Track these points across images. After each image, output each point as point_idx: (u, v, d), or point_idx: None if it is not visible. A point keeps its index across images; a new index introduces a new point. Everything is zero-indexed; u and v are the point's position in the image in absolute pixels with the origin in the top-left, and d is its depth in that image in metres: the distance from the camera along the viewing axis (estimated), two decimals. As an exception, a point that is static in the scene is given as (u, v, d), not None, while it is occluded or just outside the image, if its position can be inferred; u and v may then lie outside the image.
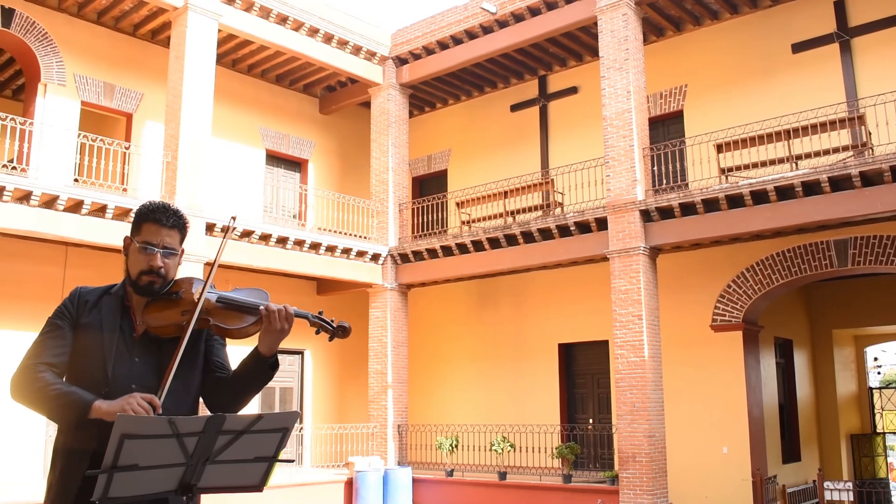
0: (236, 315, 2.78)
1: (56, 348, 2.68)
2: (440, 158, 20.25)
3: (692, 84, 15.98)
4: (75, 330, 2.72)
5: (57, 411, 2.56)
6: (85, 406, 2.51)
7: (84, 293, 2.81)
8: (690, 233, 13.57)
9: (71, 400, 2.54)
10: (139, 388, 2.66)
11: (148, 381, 2.69)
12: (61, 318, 2.75)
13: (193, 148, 14.40)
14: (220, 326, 2.77)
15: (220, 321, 2.77)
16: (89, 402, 2.52)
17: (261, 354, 2.77)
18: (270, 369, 2.79)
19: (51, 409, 2.58)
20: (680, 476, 14.36)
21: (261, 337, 2.77)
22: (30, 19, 14.67)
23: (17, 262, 14.01)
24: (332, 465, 16.96)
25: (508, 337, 18.11)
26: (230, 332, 2.78)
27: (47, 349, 2.68)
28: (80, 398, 2.54)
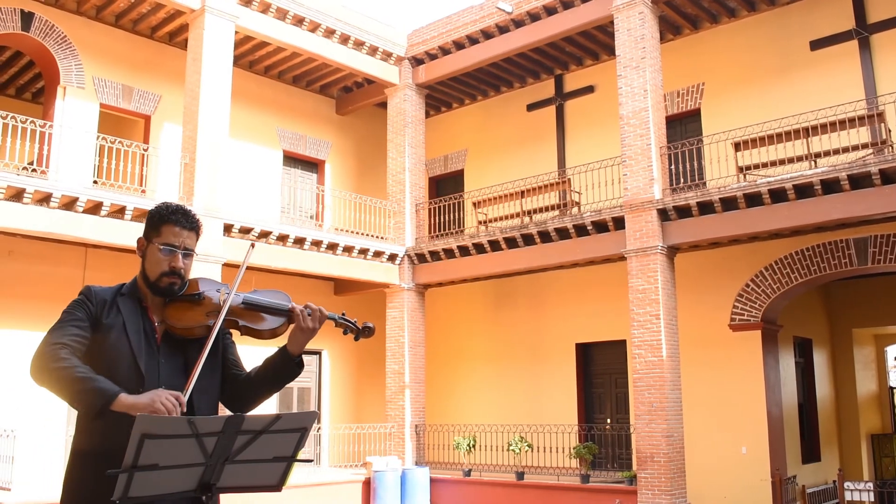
0: (262, 316, 2.85)
1: (75, 335, 2.66)
2: (457, 158, 20.26)
3: (709, 82, 15.91)
4: (96, 329, 2.71)
5: (79, 396, 2.51)
6: (110, 397, 2.49)
7: (99, 292, 2.80)
8: (708, 232, 13.51)
9: (96, 387, 2.50)
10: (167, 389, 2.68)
11: (174, 381, 2.71)
12: (78, 310, 2.73)
13: (211, 149, 14.48)
14: (249, 327, 2.83)
15: (249, 322, 2.83)
16: (115, 394, 2.49)
17: (289, 353, 2.84)
18: (297, 367, 2.86)
19: (73, 394, 2.52)
20: (698, 476, 14.29)
21: (291, 336, 2.84)
22: (49, 23, 14.79)
23: (37, 263, 14.13)
24: (350, 464, 16.99)
25: (526, 337, 18.09)
26: (259, 333, 2.85)
27: (68, 334, 2.65)
28: (106, 387, 2.51)
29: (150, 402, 2.46)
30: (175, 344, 2.79)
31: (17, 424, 12.86)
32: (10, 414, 13.29)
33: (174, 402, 2.48)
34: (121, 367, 2.65)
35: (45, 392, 2.69)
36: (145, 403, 2.46)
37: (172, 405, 2.47)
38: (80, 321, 2.71)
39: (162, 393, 2.50)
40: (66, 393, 2.54)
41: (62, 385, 2.53)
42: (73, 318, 2.72)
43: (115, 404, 2.48)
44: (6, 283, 13.82)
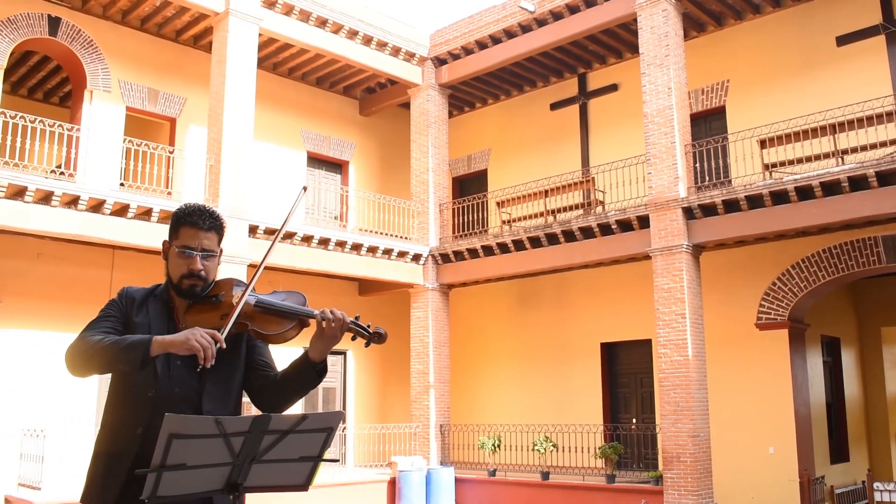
0: (275, 320, 2.78)
1: (108, 328, 2.71)
2: (480, 158, 20.25)
3: (734, 79, 15.79)
4: (126, 327, 2.76)
5: (117, 356, 2.54)
6: (146, 342, 2.53)
7: (131, 292, 2.85)
8: (734, 230, 13.41)
9: (131, 341, 2.55)
10: (180, 391, 2.70)
11: (189, 382, 2.72)
12: (112, 309, 2.80)
13: (236, 151, 14.57)
14: (258, 331, 2.77)
15: (259, 326, 2.77)
16: (148, 340, 2.54)
17: (310, 359, 2.77)
18: (318, 375, 2.79)
19: (111, 357, 2.55)
20: (725, 476, 14.20)
21: (313, 342, 2.76)
22: (76, 27, 14.95)
23: (66, 265, 14.29)
24: (375, 464, 17.04)
25: (550, 336, 18.05)
26: (269, 338, 2.78)
27: (98, 327, 2.71)
28: (139, 337, 2.56)
29: (185, 340, 2.51)
30: None
31: (46, 424, 13.02)
32: (40, 414, 13.45)
33: (209, 340, 2.52)
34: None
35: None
36: (182, 341, 2.51)
37: (207, 342, 2.51)
38: (113, 318, 2.77)
39: (198, 330, 2.54)
40: (105, 363, 2.59)
41: (99, 359, 2.58)
42: (106, 314, 2.79)
43: (152, 349, 2.52)
44: (35, 284, 13.99)
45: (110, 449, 2.68)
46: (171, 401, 2.65)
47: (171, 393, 2.68)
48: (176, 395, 2.69)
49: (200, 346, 2.50)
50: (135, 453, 2.59)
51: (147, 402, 2.63)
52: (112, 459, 2.65)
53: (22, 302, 13.80)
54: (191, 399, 2.72)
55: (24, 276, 13.90)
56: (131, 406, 2.68)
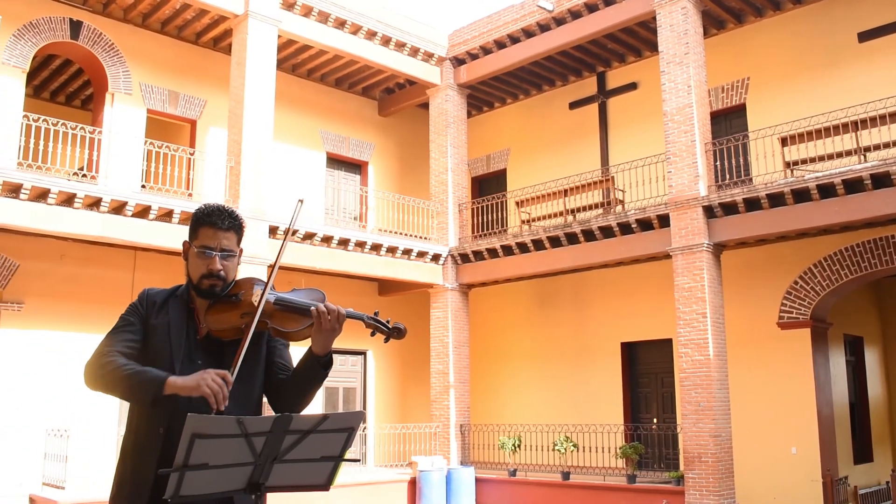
0: (294, 317, 2.77)
1: (127, 340, 2.73)
2: (499, 158, 20.23)
3: (755, 77, 15.68)
4: (145, 329, 2.78)
5: (132, 390, 2.59)
6: (159, 382, 2.55)
7: (152, 294, 2.86)
8: (755, 228, 13.33)
9: (146, 378, 2.57)
10: None
11: None
12: (132, 315, 2.81)
13: (256, 153, 14.64)
14: (277, 329, 2.77)
15: (278, 324, 2.76)
16: (163, 378, 2.56)
17: (314, 354, 2.76)
18: (323, 369, 2.77)
19: (125, 389, 2.60)
20: (747, 477, 14.11)
21: (313, 336, 2.75)
22: (97, 31, 15.07)
23: (88, 266, 14.42)
24: (396, 464, 17.06)
25: (570, 336, 18.00)
26: (288, 335, 2.78)
27: (118, 340, 2.73)
28: (154, 375, 2.58)
29: (196, 385, 2.52)
30: (214, 346, 2.81)
31: (69, 424, 13.14)
32: (63, 414, 13.58)
33: (220, 383, 2.53)
34: (159, 367, 2.69)
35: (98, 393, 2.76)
36: (192, 386, 2.52)
37: (218, 386, 2.52)
38: (132, 325, 2.79)
39: (209, 373, 2.54)
40: (118, 391, 2.64)
41: (114, 386, 2.62)
42: (126, 323, 2.80)
43: (165, 389, 2.55)
44: (59, 285, 14.12)
45: (136, 449, 2.71)
46: (193, 400, 2.66)
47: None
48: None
49: (211, 391, 2.51)
50: (159, 453, 2.62)
51: (168, 401, 2.65)
52: (137, 459, 2.68)
53: (45, 303, 13.94)
54: None
55: (48, 278, 14.03)
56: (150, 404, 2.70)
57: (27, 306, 13.75)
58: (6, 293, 13.63)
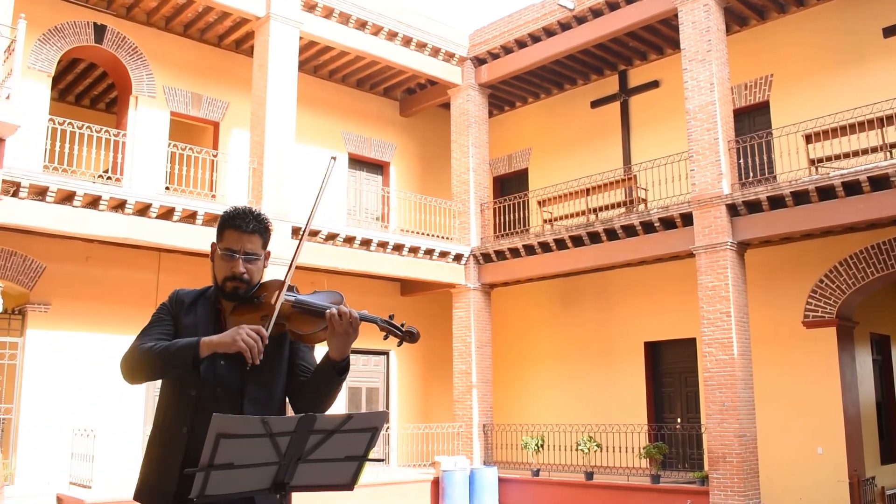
0: (311, 320, 2.76)
1: (158, 333, 2.77)
2: (521, 157, 20.20)
3: (778, 73, 15.56)
4: (176, 327, 2.82)
5: (170, 361, 2.62)
6: (193, 346, 2.60)
7: (181, 294, 2.90)
8: (780, 227, 13.23)
9: (179, 345, 2.63)
10: (223, 391, 2.73)
11: (231, 383, 2.75)
12: (163, 313, 2.87)
13: (278, 154, 14.71)
14: (294, 332, 2.78)
15: (296, 326, 2.77)
16: (196, 342, 2.61)
17: (330, 359, 2.74)
18: (339, 374, 2.74)
19: (163, 363, 2.64)
20: (772, 477, 14.00)
21: (328, 341, 2.73)
22: (121, 34, 15.21)
23: (114, 268, 14.55)
24: (419, 464, 17.08)
25: (593, 335, 17.94)
26: (305, 337, 2.78)
27: (150, 334, 2.78)
28: (185, 342, 2.63)
29: (231, 340, 2.58)
30: None
31: (96, 424, 13.26)
32: (90, 414, 13.71)
33: (255, 337, 2.58)
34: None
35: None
36: (228, 342, 2.58)
37: (253, 340, 2.57)
38: (164, 321, 2.84)
39: (244, 328, 2.60)
40: (158, 368, 2.67)
41: (150, 367, 2.66)
42: (158, 319, 2.85)
43: (201, 350, 2.60)
44: (85, 287, 14.26)
45: (160, 447, 2.74)
46: (214, 400, 2.68)
47: (213, 393, 2.71)
48: (218, 395, 2.72)
49: (246, 345, 2.56)
50: (183, 453, 2.64)
51: (190, 401, 2.67)
52: (162, 459, 2.71)
53: (71, 304, 14.08)
54: (233, 400, 2.74)
55: (74, 279, 14.17)
56: (177, 406, 2.73)
57: (54, 307, 13.89)
58: (33, 294, 13.78)
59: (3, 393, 13.47)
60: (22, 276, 13.68)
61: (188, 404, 2.70)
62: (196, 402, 2.68)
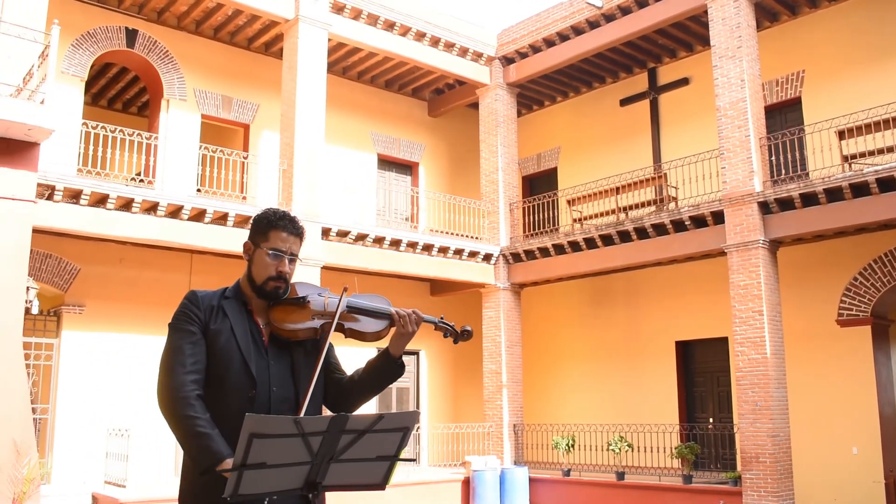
0: (365, 320, 2.93)
1: (196, 355, 2.72)
2: (550, 156, 20.15)
3: (810, 69, 15.39)
4: (206, 335, 2.76)
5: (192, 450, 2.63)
6: (217, 460, 2.57)
7: (204, 297, 2.84)
8: (812, 224, 13.08)
9: (209, 447, 2.59)
10: (278, 391, 2.76)
11: (284, 383, 2.78)
12: (191, 324, 2.76)
13: (308, 155, 14.80)
14: (354, 330, 2.92)
15: (354, 325, 2.92)
16: (222, 458, 2.56)
17: (391, 356, 2.89)
18: (399, 369, 2.92)
19: (188, 446, 2.64)
20: (806, 477, 13.85)
21: (392, 339, 2.91)
22: (152, 39, 15.37)
23: (146, 269, 14.71)
24: (449, 464, 17.10)
25: (624, 335, 17.86)
26: (364, 336, 2.93)
27: (189, 356, 2.71)
28: (217, 449, 2.58)
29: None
30: (281, 346, 2.85)
31: (130, 424, 13.42)
32: (124, 414, 13.88)
33: None
34: (231, 370, 2.72)
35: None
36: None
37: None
38: (193, 335, 2.75)
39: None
40: (181, 441, 2.68)
41: (182, 433, 2.65)
42: (187, 336, 2.75)
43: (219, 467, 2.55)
44: (118, 288, 14.44)
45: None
46: (271, 401, 2.72)
47: (269, 393, 2.74)
48: (274, 394, 2.75)
49: None
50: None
51: (246, 402, 2.69)
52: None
53: (105, 306, 14.26)
54: (289, 399, 2.78)
55: (107, 281, 14.36)
56: (229, 407, 2.71)
57: (88, 309, 14.08)
58: (68, 296, 13.98)
59: (39, 393, 13.68)
60: (57, 279, 13.88)
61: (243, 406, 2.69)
62: (252, 402, 2.71)
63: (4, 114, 10.04)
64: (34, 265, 13.16)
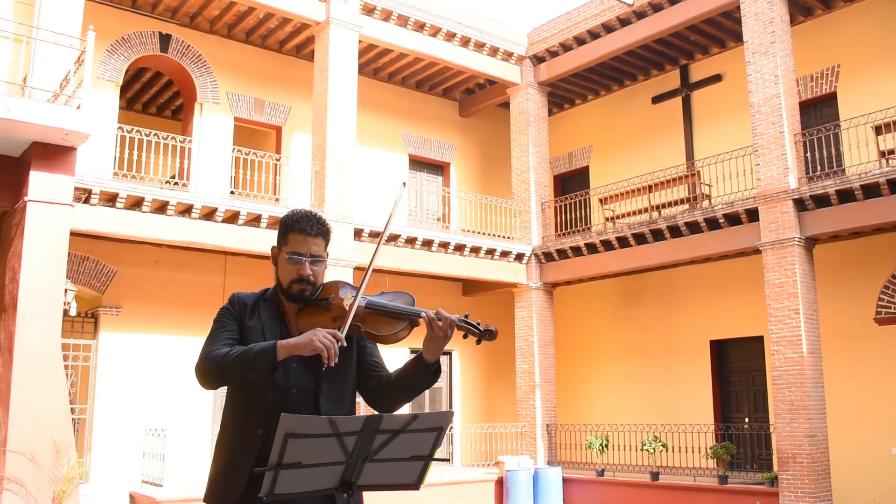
0: (386, 321, 2.83)
1: (228, 338, 2.80)
2: (581, 155, 20.07)
3: (845, 64, 15.17)
4: (242, 330, 2.84)
5: (247, 366, 2.63)
6: (271, 349, 2.61)
7: (242, 297, 2.92)
8: (849, 221, 12.90)
9: (255, 352, 2.63)
10: (298, 392, 2.77)
11: (305, 384, 2.79)
12: (227, 317, 2.87)
13: (340, 157, 14.87)
14: (370, 332, 2.83)
15: (371, 327, 2.83)
16: (273, 345, 2.62)
17: (424, 361, 2.82)
18: (433, 376, 2.83)
19: (241, 368, 2.65)
20: (844, 478, 13.66)
21: (426, 344, 2.80)
22: (185, 43, 15.54)
23: (182, 271, 14.87)
24: (482, 464, 17.08)
25: (657, 334, 17.73)
26: (381, 338, 2.83)
27: (219, 339, 2.79)
28: (262, 346, 2.64)
29: (309, 341, 2.59)
30: None
31: (166, 424, 13.57)
32: (161, 414, 14.04)
33: (331, 339, 2.60)
34: None
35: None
36: (306, 343, 2.60)
37: (330, 342, 2.59)
38: (230, 326, 2.85)
39: (320, 330, 2.62)
40: (236, 374, 2.69)
41: (229, 371, 2.68)
42: (223, 325, 2.86)
43: (279, 354, 2.61)
44: (154, 290, 14.60)
45: (232, 450, 2.77)
46: (290, 402, 2.73)
47: (288, 394, 2.76)
48: (294, 396, 2.76)
49: (324, 346, 2.57)
50: (256, 454, 2.68)
51: (266, 403, 2.72)
52: (234, 461, 2.74)
53: (142, 307, 14.43)
54: (308, 400, 2.79)
55: (144, 283, 14.53)
56: (251, 408, 2.77)
57: (125, 310, 14.26)
58: (105, 298, 14.16)
59: (77, 394, 13.88)
60: (94, 281, 14.07)
61: (264, 406, 2.73)
62: (272, 403, 2.73)
63: (42, 119, 10.19)
64: (72, 268, 13.35)
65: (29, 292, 10.35)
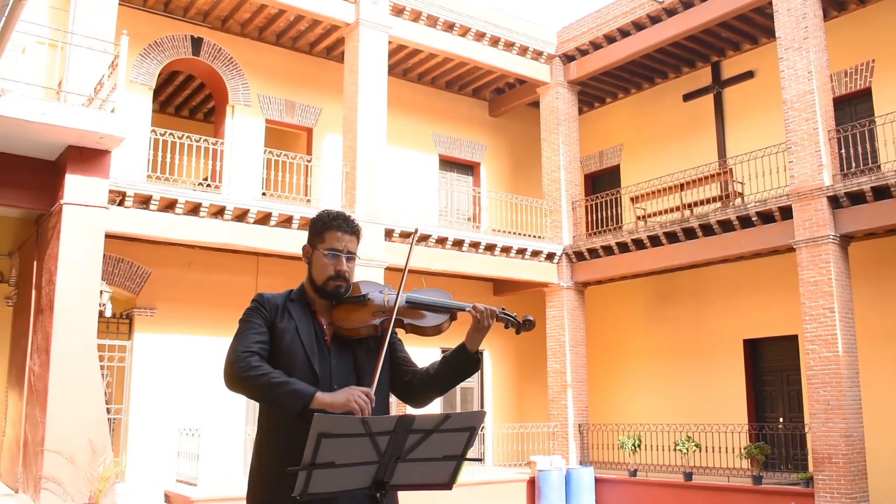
0: (425, 314, 2.95)
1: (259, 341, 2.81)
2: (612, 154, 19.96)
3: (880, 59, 14.95)
4: (272, 333, 2.85)
5: (279, 399, 2.66)
6: (308, 397, 2.63)
7: (270, 298, 2.94)
8: (885, 218, 12.71)
9: (294, 389, 2.65)
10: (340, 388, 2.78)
11: (346, 381, 2.81)
12: (256, 318, 2.87)
13: (370, 157, 14.92)
14: (414, 325, 2.93)
15: (414, 320, 2.93)
16: (311, 394, 2.64)
17: (467, 350, 2.91)
18: (476, 364, 2.94)
19: (273, 398, 2.68)
20: (882, 478, 13.46)
21: (469, 334, 2.90)
22: (216, 46, 15.67)
23: (214, 272, 14.99)
24: (514, 464, 17.05)
25: (690, 333, 17.59)
26: (424, 330, 2.94)
27: (252, 341, 2.80)
28: (303, 388, 2.66)
29: (345, 401, 2.61)
30: (344, 345, 2.91)
31: (201, 424, 13.70)
32: (195, 414, 14.17)
33: (366, 400, 2.62)
34: (295, 369, 2.77)
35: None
36: (342, 402, 2.61)
37: (365, 402, 2.62)
38: (259, 327, 2.85)
39: (355, 390, 2.65)
40: (264, 398, 2.73)
41: (261, 391, 2.70)
42: (252, 325, 2.86)
43: (313, 403, 2.63)
44: (187, 291, 14.74)
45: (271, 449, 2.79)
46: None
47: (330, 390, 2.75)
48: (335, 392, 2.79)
49: (359, 406, 2.61)
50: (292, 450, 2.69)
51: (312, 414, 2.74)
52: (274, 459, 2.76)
53: (175, 308, 14.58)
54: None
55: (177, 284, 14.67)
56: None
57: (158, 311, 14.41)
58: (139, 299, 14.33)
59: (113, 394, 14.05)
60: (128, 282, 14.24)
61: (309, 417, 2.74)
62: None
63: (77, 123, 10.34)
64: (107, 269, 13.50)
65: (65, 294, 10.50)
